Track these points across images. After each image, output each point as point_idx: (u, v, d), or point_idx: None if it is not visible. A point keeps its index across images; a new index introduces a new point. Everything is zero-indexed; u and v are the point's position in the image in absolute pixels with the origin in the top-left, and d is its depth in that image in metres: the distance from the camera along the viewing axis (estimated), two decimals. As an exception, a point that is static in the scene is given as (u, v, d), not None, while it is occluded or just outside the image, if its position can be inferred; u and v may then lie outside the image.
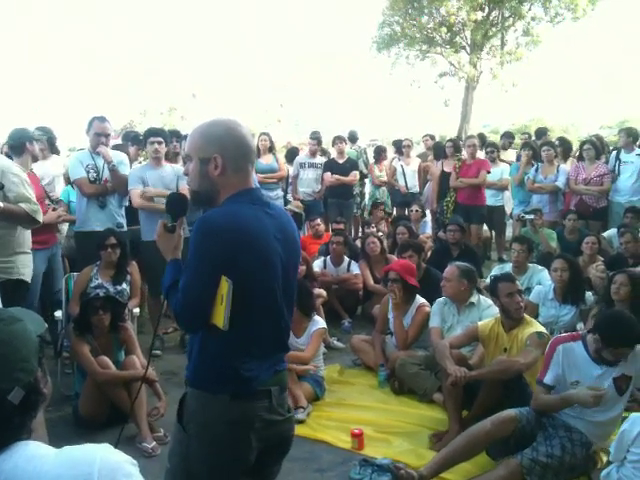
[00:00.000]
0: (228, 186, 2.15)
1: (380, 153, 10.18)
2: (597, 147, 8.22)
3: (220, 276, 2.01)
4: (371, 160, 10.63)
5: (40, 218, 4.23)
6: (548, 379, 3.64)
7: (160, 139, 5.66)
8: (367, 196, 10.41)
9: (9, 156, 4.88)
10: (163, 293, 2.23)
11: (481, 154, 8.91)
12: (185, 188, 5.32)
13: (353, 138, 10.27)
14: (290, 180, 9.25)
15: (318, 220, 7.84)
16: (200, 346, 2.14)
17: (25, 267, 4.31)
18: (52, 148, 6.46)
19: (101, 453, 1.25)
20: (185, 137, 6.98)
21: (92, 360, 4.25)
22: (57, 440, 2.82)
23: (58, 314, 5.10)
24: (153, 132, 5.82)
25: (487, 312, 4.71)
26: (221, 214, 2.09)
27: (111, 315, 4.52)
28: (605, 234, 7.30)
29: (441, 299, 5.02)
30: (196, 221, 2.08)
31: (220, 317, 2.01)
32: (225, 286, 1.99)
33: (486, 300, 4.87)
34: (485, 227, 9.07)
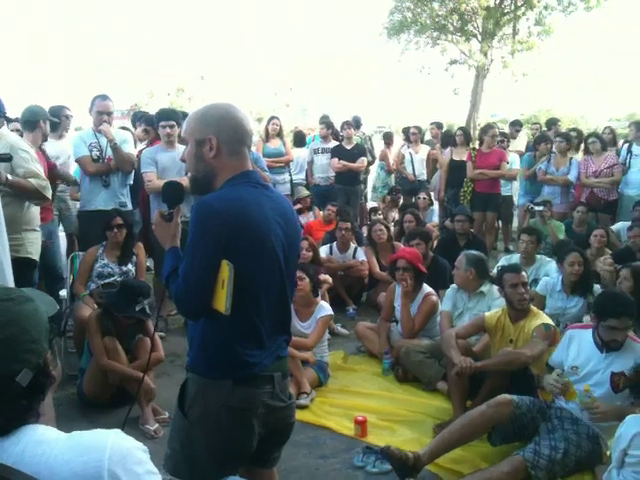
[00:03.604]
0: (224, 169, 2.13)
1: (390, 139, 10.17)
2: (602, 139, 8.15)
3: (220, 260, 1.99)
4: (377, 147, 10.61)
5: (49, 194, 4.22)
6: (551, 361, 3.83)
7: (172, 122, 5.59)
8: (369, 183, 10.39)
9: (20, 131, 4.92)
10: (163, 281, 2.21)
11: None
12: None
13: (357, 124, 10.20)
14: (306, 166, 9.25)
15: (329, 206, 7.82)
16: (201, 332, 2.13)
17: (32, 245, 4.30)
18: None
19: (112, 439, 1.22)
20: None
21: (100, 344, 4.22)
22: (61, 420, 2.82)
23: (63, 293, 5.09)
24: (164, 116, 5.74)
25: (496, 302, 4.68)
26: (219, 197, 2.07)
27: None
28: (614, 227, 7.23)
29: (454, 285, 5.05)
30: (194, 205, 2.06)
31: (222, 301, 1.99)
32: (226, 270, 1.97)
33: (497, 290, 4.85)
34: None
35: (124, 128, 6.75)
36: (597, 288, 5.26)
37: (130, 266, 5.22)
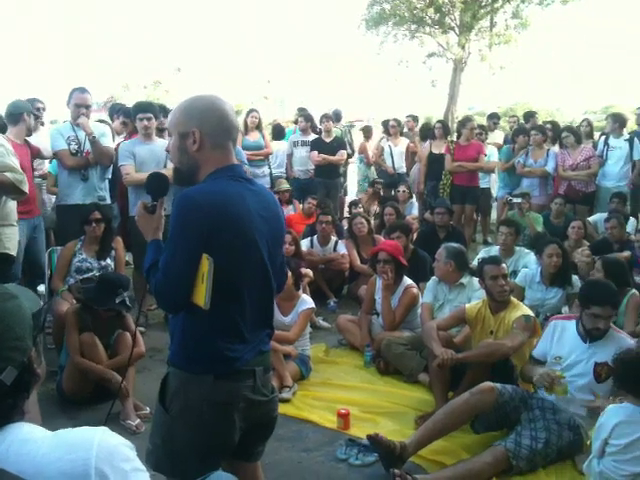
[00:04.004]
0: (208, 162, 2.11)
1: (369, 132, 10.21)
2: (576, 133, 8.25)
3: (201, 254, 1.98)
4: (356, 140, 10.63)
5: (26, 188, 4.16)
6: (535, 352, 3.87)
7: (149, 115, 5.55)
8: (349, 176, 10.43)
9: (3, 125, 4.88)
10: (144, 274, 2.19)
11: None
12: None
13: (337, 117, 10.24)
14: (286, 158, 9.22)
15: (309, 199, 7.81)
16: (182, 326, 2.12)
17: (10, 240, 4.24)
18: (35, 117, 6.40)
19: (99, 437, 1.20)
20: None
21: (76, 342, 4.18)
22: (41, 417, 2.78)
23: (41, 288, 5.02)
24: (142, 108, 5.69)
25: (476, 294, 4.72)
26: (201, 190, 2.06)
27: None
28: (591, 219, 7.33)
29: (435, 277, 5.09)
30: (176, 198, 2.04)
31: (201, 296, 1.97)
32: (206, 264, 1.96)
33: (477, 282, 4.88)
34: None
35: (102, 121, 6.67)
36: (575, 279, 5.34)
37: (109, 261, 5.17)
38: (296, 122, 9.89)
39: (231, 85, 29.84)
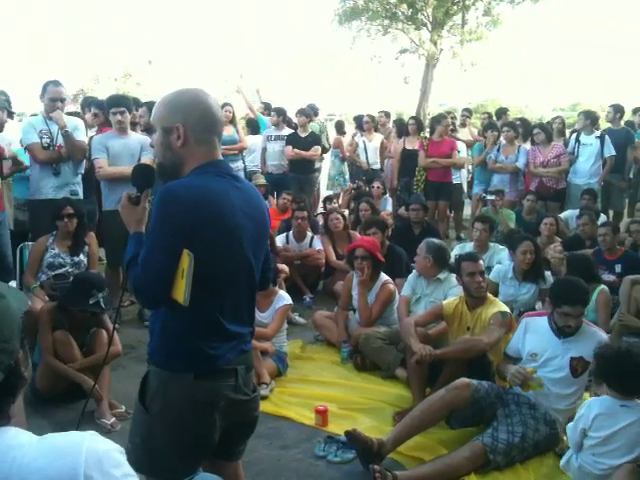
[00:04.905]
0: (192, 158, 2.08)
1: (342, 127, 10.21)
2: (546, 130, 8.35)
3: (181, 249, 1.94)
4: (332, 134, 10.64)
5: None
6: (508, 349, 3.93)
7: (122, 109, 5.48)
8: (325, 171, 10.42)
9: None
10: (124, 267, 2.15)
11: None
12: (147, 159, 5.22)
13: (314, 112, 10.23)
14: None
15: (284, 194, 7.77)
16: (162, 323, 2.09)
17: None
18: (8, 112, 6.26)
19: (88, 442, 1.16)
20: (143, 105, 6.79)
21: (49, 342, 4.10)
22: (17, 417, 2.70)
23: (12, 285, 4.92)
24: (115, 102, 5.62)
25: (453, 290, 4.75)
26: (184, 184, 2.03)
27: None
28: (562, 215, 7.42)
29: (415, 271, 5.12)
30: (158, 191, 2.01)
31: (180, 292, 1.94)
32: (186, 259, 1.93)
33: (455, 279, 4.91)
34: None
35: (74, 113, 6.56)
36: (548, 275, 5.40)
37: (82, 256, 5.08)
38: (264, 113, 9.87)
39: (204, 78, 29.53)
